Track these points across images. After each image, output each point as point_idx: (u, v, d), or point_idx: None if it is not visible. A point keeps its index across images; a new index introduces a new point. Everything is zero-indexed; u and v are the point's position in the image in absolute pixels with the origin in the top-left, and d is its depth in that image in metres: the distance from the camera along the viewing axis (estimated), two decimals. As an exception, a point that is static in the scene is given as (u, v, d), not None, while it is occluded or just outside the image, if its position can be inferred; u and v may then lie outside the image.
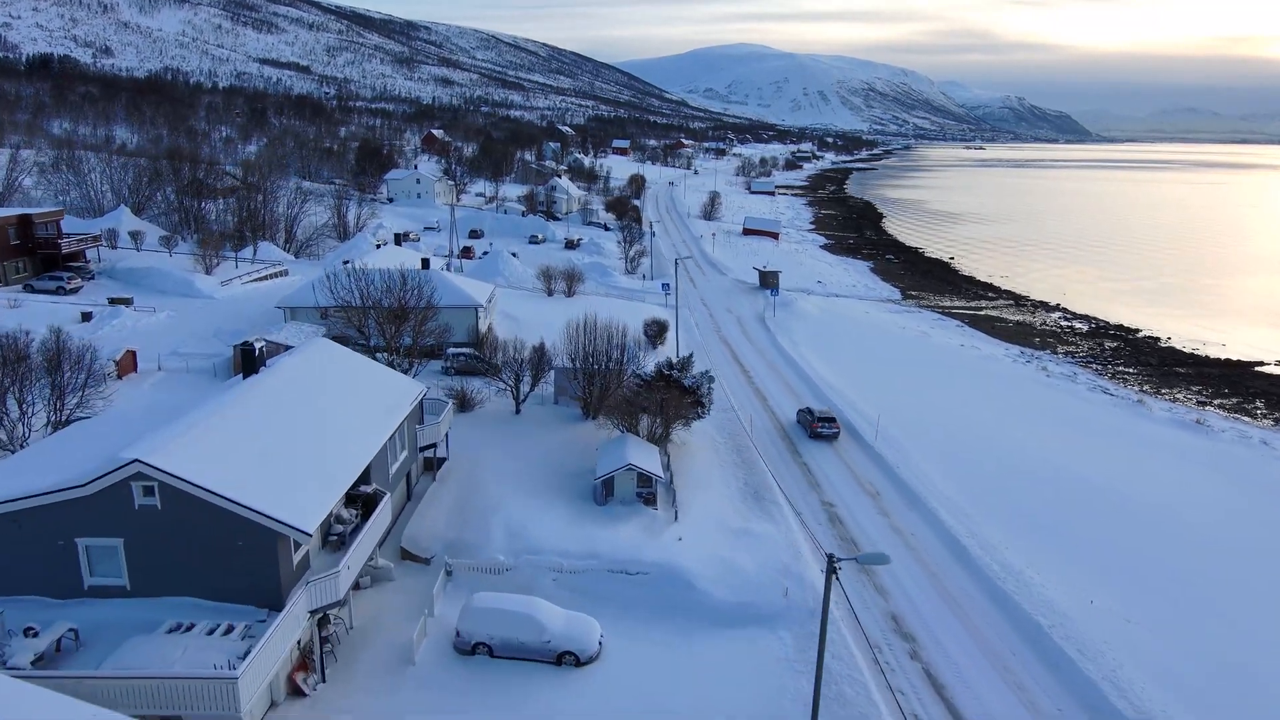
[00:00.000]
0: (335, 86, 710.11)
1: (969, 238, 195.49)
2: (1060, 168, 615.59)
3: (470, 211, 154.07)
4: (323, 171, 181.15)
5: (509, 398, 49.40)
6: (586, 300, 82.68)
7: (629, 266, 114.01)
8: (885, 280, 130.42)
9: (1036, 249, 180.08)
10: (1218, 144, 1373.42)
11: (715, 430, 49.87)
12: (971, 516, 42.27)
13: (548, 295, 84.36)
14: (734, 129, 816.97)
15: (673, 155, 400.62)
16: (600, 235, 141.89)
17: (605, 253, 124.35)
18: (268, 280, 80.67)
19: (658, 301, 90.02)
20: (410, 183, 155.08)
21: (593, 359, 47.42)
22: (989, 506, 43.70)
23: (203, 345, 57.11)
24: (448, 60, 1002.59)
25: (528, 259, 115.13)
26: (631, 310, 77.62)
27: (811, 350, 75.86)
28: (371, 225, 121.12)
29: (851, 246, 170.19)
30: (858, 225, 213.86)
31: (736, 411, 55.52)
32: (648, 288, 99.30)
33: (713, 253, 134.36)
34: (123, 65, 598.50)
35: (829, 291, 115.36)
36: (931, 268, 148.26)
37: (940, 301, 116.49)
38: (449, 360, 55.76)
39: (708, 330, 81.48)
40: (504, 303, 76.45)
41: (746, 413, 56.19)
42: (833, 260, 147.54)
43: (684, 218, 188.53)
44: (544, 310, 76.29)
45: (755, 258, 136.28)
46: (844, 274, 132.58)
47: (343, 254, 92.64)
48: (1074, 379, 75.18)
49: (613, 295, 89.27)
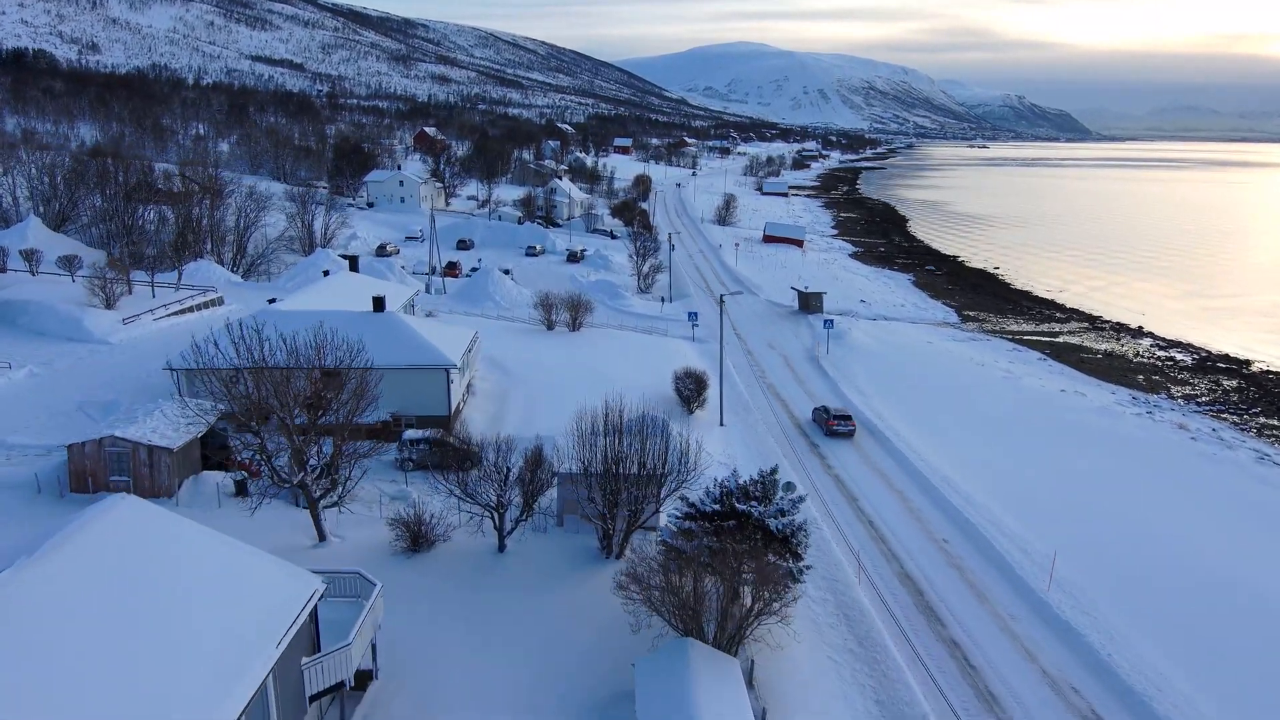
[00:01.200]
0: (329, 84, 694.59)
1: (1004, 244, 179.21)
2: (1068, 166, 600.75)
3: (459, 219, 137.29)
4: (299, 172, 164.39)
5: (489, 528, 32.55)
6: (595, 337, 66.17)
7: (642, 284, 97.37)
8: (934, 297, 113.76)
9: (1083, 256, 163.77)
10: (1217, 142, 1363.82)
11: (810, 584, 32.62)
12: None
13: (548, 329, 67.71)
14: (735, 127, 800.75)
15: (676, 154, 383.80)
16: (607, 245, 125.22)
17: (614, 267, 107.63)
18: (194, 313, 63.91)
19: (683, 334, 73.36)
20: (392, 185, 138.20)
21: (616, 467, 30.73)
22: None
23: (50, 428, 40.14)
24: (445, 58, 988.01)
25: (524, 276, 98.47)
26: (653, 352, 61.22)
27: (887, 404, 59.20)
28: (343, 236, 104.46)
29: (883, 255, 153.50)
30: (883, 230, 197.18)
31: (824, 529, 38.46)
32: (668, 314, 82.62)
33: (736, 265, 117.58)
34: (109, 62, 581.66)
35: (876, 313, 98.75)
36: (978, 280, 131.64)
37: (1005, 324, 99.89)
38: (405, 450, 39.09)
39: (748, 375, 64.61)
40: (492, 342, 59.88)
41: (841, 530, 39.24)
42: (868, 273, 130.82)
43: (697, 223, 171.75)
44: (542, 353, 59.72)
45: (784, 271, 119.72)
46: (886, 290, 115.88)
47: (299, 274, 76.02)
48: (1226, 442, 58.44)
49: (627, 326, 72.56)
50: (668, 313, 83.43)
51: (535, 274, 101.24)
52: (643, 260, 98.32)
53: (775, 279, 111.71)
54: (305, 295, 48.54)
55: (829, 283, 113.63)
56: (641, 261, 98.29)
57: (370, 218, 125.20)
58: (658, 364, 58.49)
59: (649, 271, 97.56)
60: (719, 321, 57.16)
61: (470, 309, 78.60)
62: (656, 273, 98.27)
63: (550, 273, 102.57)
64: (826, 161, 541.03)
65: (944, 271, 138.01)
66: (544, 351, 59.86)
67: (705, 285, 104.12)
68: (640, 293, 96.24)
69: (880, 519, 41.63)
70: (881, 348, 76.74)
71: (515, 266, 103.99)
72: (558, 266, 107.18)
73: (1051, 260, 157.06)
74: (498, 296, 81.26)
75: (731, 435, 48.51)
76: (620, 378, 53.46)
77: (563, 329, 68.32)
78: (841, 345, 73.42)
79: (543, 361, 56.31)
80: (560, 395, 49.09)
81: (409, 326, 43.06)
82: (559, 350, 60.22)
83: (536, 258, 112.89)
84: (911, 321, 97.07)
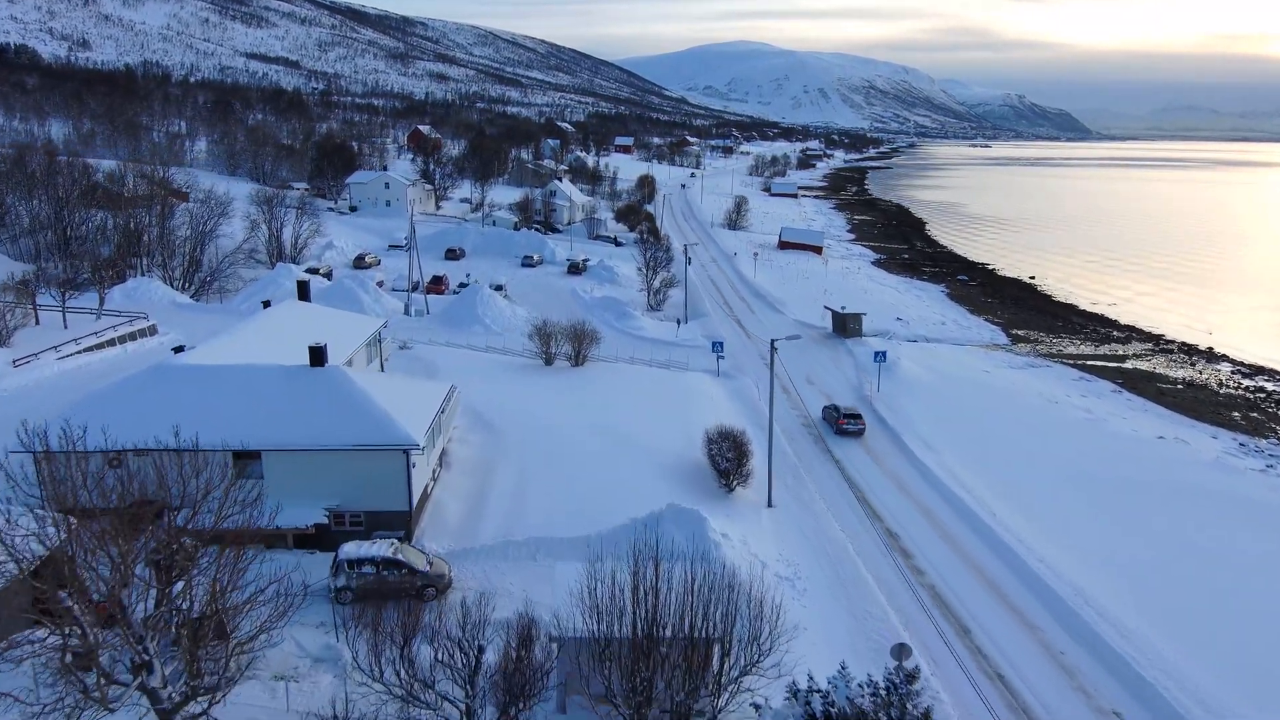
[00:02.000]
0: (325, 82, 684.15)
1: (1032, 249, 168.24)
2: (1074, 166, 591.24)
3: (449, 224, 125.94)
4: (280, 172, 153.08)
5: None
6: (602, 374, 54.94)
7: (653, 301, 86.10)
8: (974, 313, 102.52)
9: (1120, 262, 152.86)
10: (1217, 141, 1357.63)
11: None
12: None
13: (545, 364, 56.41)
14: (736, 126, 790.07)
15: (679, 153, 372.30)
16: (611, 254, 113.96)
17: (620, 280, 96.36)
18: (115, 347, 52.55)
19: (705, 365, 62.08)
20: (377, 188, 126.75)
21: (650, 642, 19.53)
22: None
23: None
24: (444, 56, 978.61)
25: (520, 290, 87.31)
26: (674, 395, 50.11)
27: (961, 460, 48.15)
28: (316, 246, 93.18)
29: (908, 263, 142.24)
30: (902, 234, 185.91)
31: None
32: (686, 339, 71.33)
33: (755, 277, 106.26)
34: (99, 59, 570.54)
35: (915, 333, 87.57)
36: (1017, 292, 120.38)
37: (1061, 346, 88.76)
38: (342, 575, 27.67)
39: (790, 423, 53.26)
40: (477, 384, 48.71)
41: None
42: (896, 283, 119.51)
43: (706, 227, 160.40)
44: (539, 399, 48.47)
45: (806, 282, 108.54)
46: (921, 304, 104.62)
47: (256, 294, 64.78)
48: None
49: (639, 359, 61.06)
50: (685, 337, 72.10)
51: (532, 288, 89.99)
52: (653, 273, 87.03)
53: (799, 293, 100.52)
54: (229, 341, 37.21)
55: (857, 296, 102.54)
56: (652, 275, 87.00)
57: (351, 223, 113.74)
58: (681, 413, 47.27)
59: (660, 286, 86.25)
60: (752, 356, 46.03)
61: (455, 335, 67.38)
62: (669, 287, 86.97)
63: (549, 287, 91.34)
64: (831, 161, 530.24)
65: (978, 282, 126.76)
66: (541, 397, 48.53)
67: (723, 301, 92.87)
68: (650, 310, 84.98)
69: (970, 614, 30.46)
70: (936, 381, 65.49)
71: (510, 279, 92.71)
72: (557, 279, 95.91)
73: (1088, 267, 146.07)
74: (488, 319, 69.96)
75: (785, 524, 37.23)
76: (636, 437, 42.33)
77: (564, 363, 57.06)
78: (891, 379, 62.12)
79: (539, 413, 44.99)
80: (561, 467, 37.94)
81: (358, 389, 31.65)
82: (559, 395, 48.91)
83: (534, 269, 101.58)
84: (957, 343, 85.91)
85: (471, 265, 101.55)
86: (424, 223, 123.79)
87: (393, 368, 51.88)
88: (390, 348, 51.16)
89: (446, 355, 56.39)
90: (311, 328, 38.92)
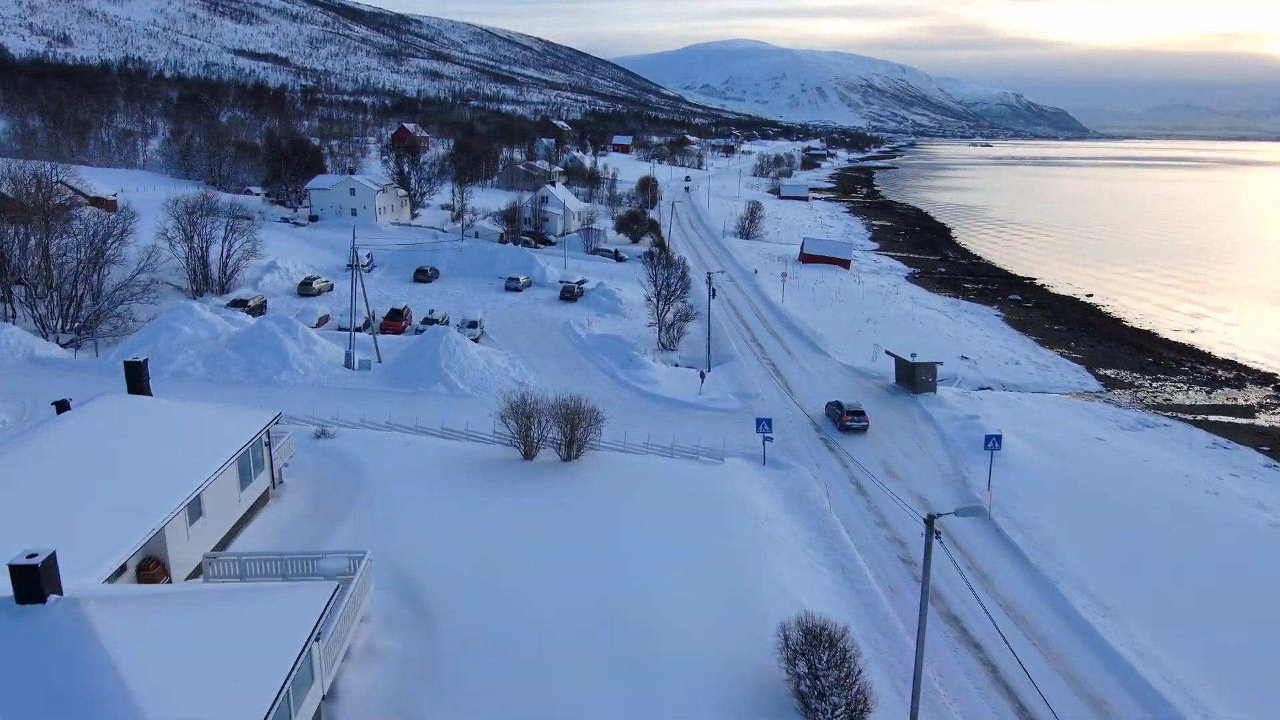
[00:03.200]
0: (314, 79, 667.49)
1: (1073, 257, 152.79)
2: (1080, 166, 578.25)
3: (425, 236, 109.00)
4: (240, 175, 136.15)
5: None
6: (602, 475, 38.33)
7: (666, 338, 69.39)
8: (1045, 344, 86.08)
9: (1180, 275, 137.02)
10: (1215, 140, 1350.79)
11: None
12: None
13: (525, 459, 39.62)
14: (735, 125, 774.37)
15: (680, 153, 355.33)
16: (612, 272, 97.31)
17: (624, 308, 79.61)
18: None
19: (742, 445, 45.45)
20: (341, 193, 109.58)
21: None
22: None
23: None
24: (439, 54, 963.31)
25: (501, 323, 70.72)
26: (711, 519, 33.68)
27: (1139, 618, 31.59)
28: (255, 268, 76.42)
29: (947, 279, 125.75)
30: (930, 243, 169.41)
31: None
32: (711, 400, 54.58)
33: (783, 303, 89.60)
34: (80, 55, 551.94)
35: (988, 376, 71.14)
36: (1082, 315, 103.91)
37: (1165, 392, 72.38)
38: None
39: (874, 548, 36.60)
40: (415, 512, 32.18)
41: None
42: (942, 305, 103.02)
43: (717, 236, 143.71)
44: (509, 540, 31.75)
45: (843, 307, 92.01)
46: (979, 333, 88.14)
47: (137, 346, 48.36)
48: None
49: (655, 441, 44.07)
50: (711, 396, 55.33)
51: (515, 322, 73.19)
52: (665, 303, 70.23)
53: (837, 322, 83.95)
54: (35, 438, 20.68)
55: (904, 325, 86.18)
56: (664, 305, 70.20)
57: (306, 237, 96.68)
58: (728, 562, 30.61)
59: (675, 320, 69.47)
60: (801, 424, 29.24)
61: (409, 399, 50.69)
62: (685, 321, 70.18)
63: (537, 319, 74.57)
64: (835, 161, 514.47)
65: (1032, 302, 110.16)
66: (511, 539, 31.67)
67: (749, 336, 76.14)
68: (662, 350, 68.28)
69: None
70: (1051, 462, 48.85)
71: (490, 310, 75.92)
72: (548, 308, 79.12)
73: (1145, 281, 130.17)
74: (454, 373, 53.17)
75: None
76: (662, 626, 25.66)
77: (550, 454, 40.32)
78: (1001, 467, 45.35)
79: (505, 582, 28.00)
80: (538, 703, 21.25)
81: (97, 656, 15.07)
82: (540, 531, 32.14)
83: (520, 293, 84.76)
84: (1041, 390, 69.45)
85: (445, 290, 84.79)
86: (393, 235, 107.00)
87: (296, 479, 35.26)
88: (289, 448, 34.57)
89: (384, 446, 39.66)
90: (120, 459, 22.33)
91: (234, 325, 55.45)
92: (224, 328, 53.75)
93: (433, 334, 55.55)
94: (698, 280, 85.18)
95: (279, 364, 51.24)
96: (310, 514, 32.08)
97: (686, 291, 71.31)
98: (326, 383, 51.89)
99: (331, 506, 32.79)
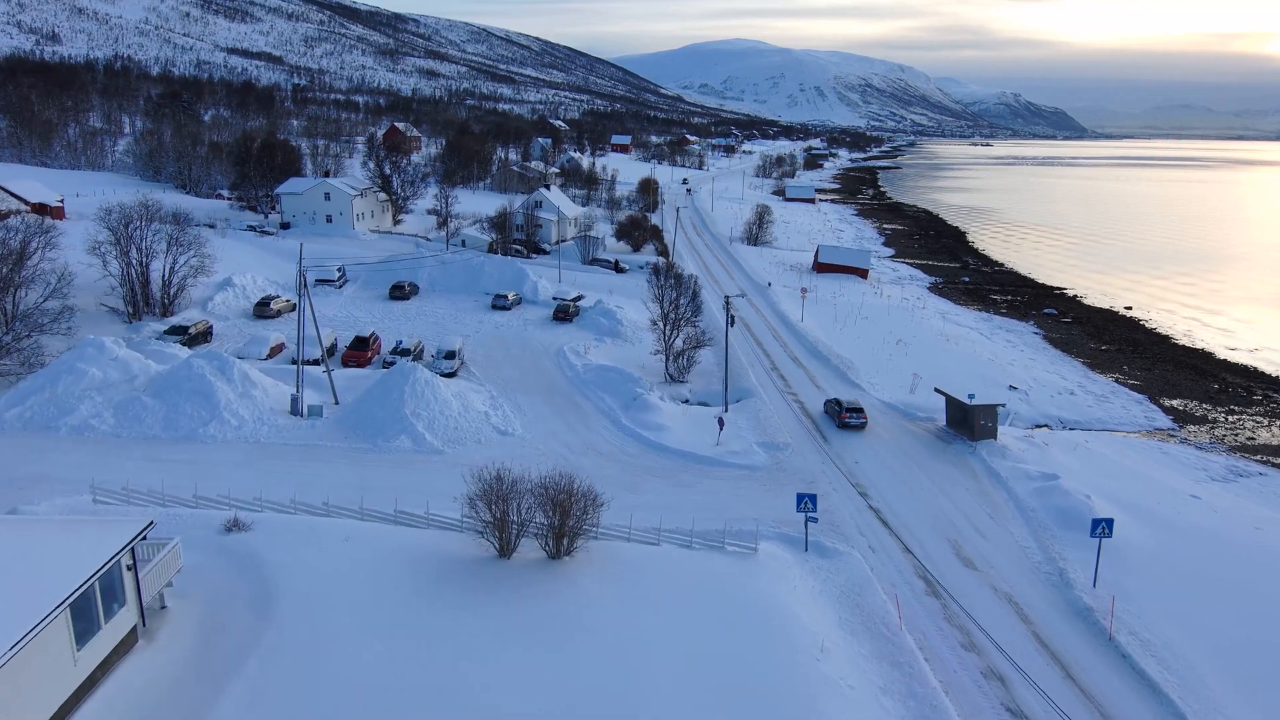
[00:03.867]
0: (307, 78, 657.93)
1: (1099, 264, 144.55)
2: (1083, 166, 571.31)
3: (406, 244, 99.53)
4: (212, 177, 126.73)
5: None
6: (601, 583, 28.93)
7: (673, 369, 60.09)
8: (1095, 369, 76.95)
9: (1223, 284, 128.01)
10: (1213, 140, 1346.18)
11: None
12: None
13: (501, 555, 30.30)
14: (734, 124, 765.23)
15: (680, 153, 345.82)
16: (612, 286, 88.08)
17: (625, 330, 70.28)
18: None
19: (776, 523, 36.26)
20: (314, 198, 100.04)
21: None
22: None
23: None
24: (436, 53, 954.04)
25: (485, 349, 61.62)
26: (750, 648, 24.22)
27: None
28: (208, 285, 67.11)
29: (972, 289, 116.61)
30: (946, 248, 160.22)
31: None
32: (732, 453, 45.30)
33: (802, 322, 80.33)
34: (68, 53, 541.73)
35: (1043, 410, 62.12)
36: (1128, 332, 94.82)
37: (1245, 428, 63.25)
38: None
39: (991, 713, 27.37)
40: (352, 628, 23.02)
41: None
42: (974, 321, 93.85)
43: (724, 242, 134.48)
44: (478, 694, 22.31)
45: (868, 325, 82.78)
46: (1021, 356, 78.97)
47: (34, 391, 39.10)
48: None
49: (668, 533, 34.69)
50: (732, 448, 46.03)
51: (501, 349, 63.85)
52: (674, 328, 60.88)
53: (863, 342, 74.68)
54: None
55: (939, 348, 77.06)
56: (673, 330, 60.83)
57: (272, 247, 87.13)
58: None
59: (685, 349, 60.15)
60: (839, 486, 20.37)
61: (364, 458, 41.41)
62: (697, 348, 60.88)
63: (526, 345, 65.25)
64: (838, 161, 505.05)
65: (1070, 317, 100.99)
66: (474, 676, 22.54)
67: (769, 363, 66.80)
68: (670, 382, 59.03)
69: None
70: (1143, 530, 39.68)
71: (473, 334, 66.59)
72: (539, 331, 69.77)
73: (1185, 290, 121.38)
74: (420, 422, 43.82)
75: None
76: None
77: (533, 548, 31.03)
78: (1117, 562, 35.86)
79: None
80: None
81: None
82: (513, 665, 23.02)
83: (508, 311, 75.40)
84: (1105, 427, 60.31)
85: (424, 308, 75.42)
86: (372, 244, 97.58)
87: (185, 600, 25.97)
88: (175, 561, 25.36)
89: (317, 541, 30.33)
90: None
91: (158, 362, 46.12)
92: (142, 367, 44.40)
93: (398, 372, 46.17)
94: (709, 300, 75.84)
95: (206, 413, 41.92)
96: (192, 665, 22.86)
97: (697, 315, 61.87)
98: (265, 436, 42.52)
99: (225, 650, 23.56)
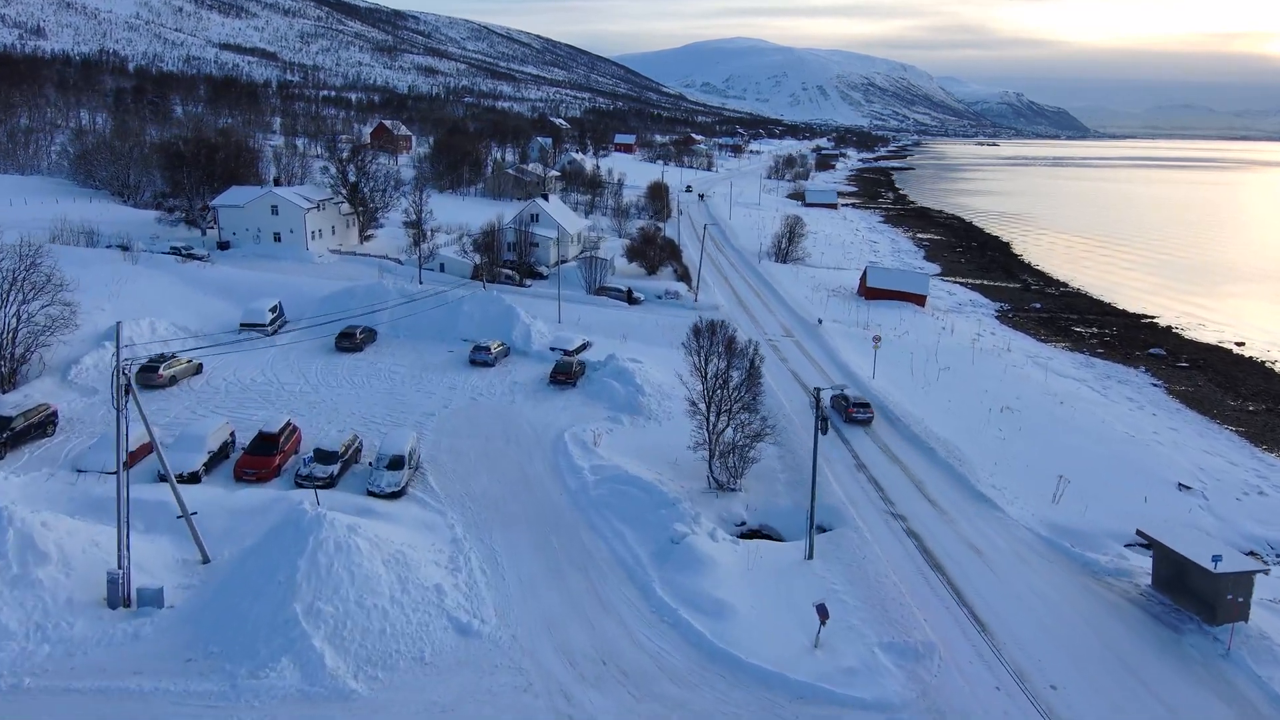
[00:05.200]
0: (301, 74, 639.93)
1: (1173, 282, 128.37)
2: (1095, 166, 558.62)
3: (366, 270, 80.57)
4: (153, 183, 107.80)
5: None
6: None
7: (721, 474, 41.46)
8: (1259, 445, 58.57)
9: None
10: (1215, 140, 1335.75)
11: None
12: None
13: None
14: (739, 123, 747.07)
15: (687, 153, 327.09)
16: (626, 328, 69.53)
17: (646, 402, 51.41)
18: None
19: None
20: (259, 212, 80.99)
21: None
22: None
23: None
24: (435, 50, 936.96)
25: (452, 448, 43.27)
26: None
27: None
28: (82, 341, 48.78)
29: (1049, 321, 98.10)
30: (999, 263, 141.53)
31: None
32: (858, 680, 26.79)
33: (874, 380, 61.72)
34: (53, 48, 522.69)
35: (1241, 528, 43.78)
36: (1266, 383, 76.22)
37: None
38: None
39: None
40: None
41: None
42: (1075, 369, 75.40)
43: (750, 260, 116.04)
44: None
45: (956, 380, 64.21)
46: (1161, 425, 60.58)
47: None
48: None
49: None
50: (841, 653, 27.64)
51: (475, 439, 45.11)
52: (725, 416, 42.16)
53: (960, 413, 56.07)
54: None
55: (1055, 415, 58.62)
56: (722, 420, 42.15)
57: (198, 277, 68.46)
58: None
59: (743, 442, 41.55)
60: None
61: (222, 701, 23.07)
62: (756, 439, 42.23)
63: (510, 431, 46.58)
64: (848, 161, 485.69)
65: (1185, 360, 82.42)
66: None
67: (849, 455, 48.15)
68: (719, 491, 40.56)
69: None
70: None
71: (439, 410, 48.19)
72: (530, 402, 51.17)
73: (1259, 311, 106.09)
74: (320, 631, 25.25)
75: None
76: None
77: None
78: None
79: None
80: None
81: None
82: None
83: (491, 368, 56.90)
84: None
85: (379, 365, 56.88)
86: (326, 270, 78.78)
87: None
88: None
89: None
90: None
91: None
92: None
93: (291, 531, 27.66)
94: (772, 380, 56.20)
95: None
96: None
97: (758, 399, 42.84)
98: (43, 661, 24.13)
99: None
